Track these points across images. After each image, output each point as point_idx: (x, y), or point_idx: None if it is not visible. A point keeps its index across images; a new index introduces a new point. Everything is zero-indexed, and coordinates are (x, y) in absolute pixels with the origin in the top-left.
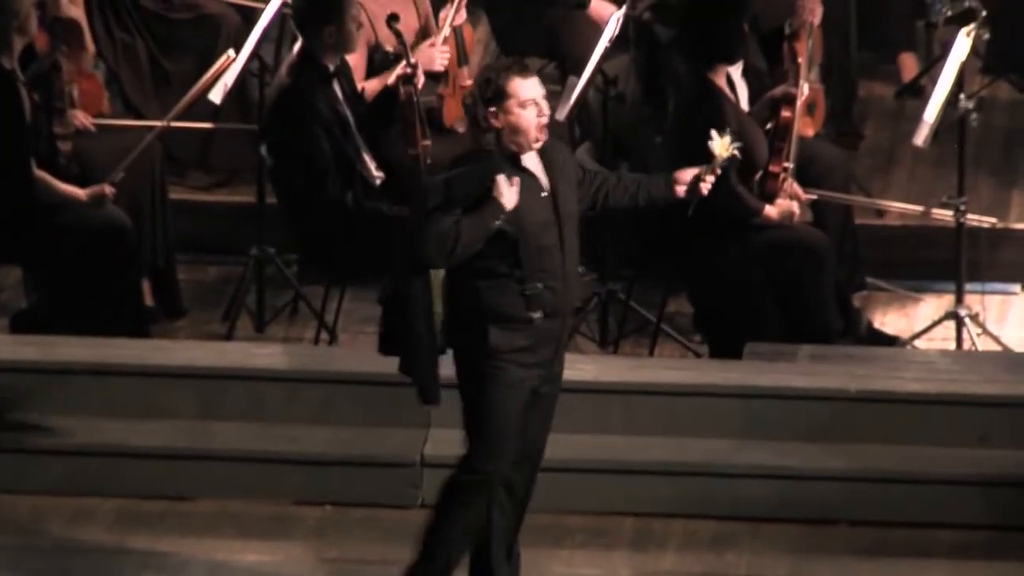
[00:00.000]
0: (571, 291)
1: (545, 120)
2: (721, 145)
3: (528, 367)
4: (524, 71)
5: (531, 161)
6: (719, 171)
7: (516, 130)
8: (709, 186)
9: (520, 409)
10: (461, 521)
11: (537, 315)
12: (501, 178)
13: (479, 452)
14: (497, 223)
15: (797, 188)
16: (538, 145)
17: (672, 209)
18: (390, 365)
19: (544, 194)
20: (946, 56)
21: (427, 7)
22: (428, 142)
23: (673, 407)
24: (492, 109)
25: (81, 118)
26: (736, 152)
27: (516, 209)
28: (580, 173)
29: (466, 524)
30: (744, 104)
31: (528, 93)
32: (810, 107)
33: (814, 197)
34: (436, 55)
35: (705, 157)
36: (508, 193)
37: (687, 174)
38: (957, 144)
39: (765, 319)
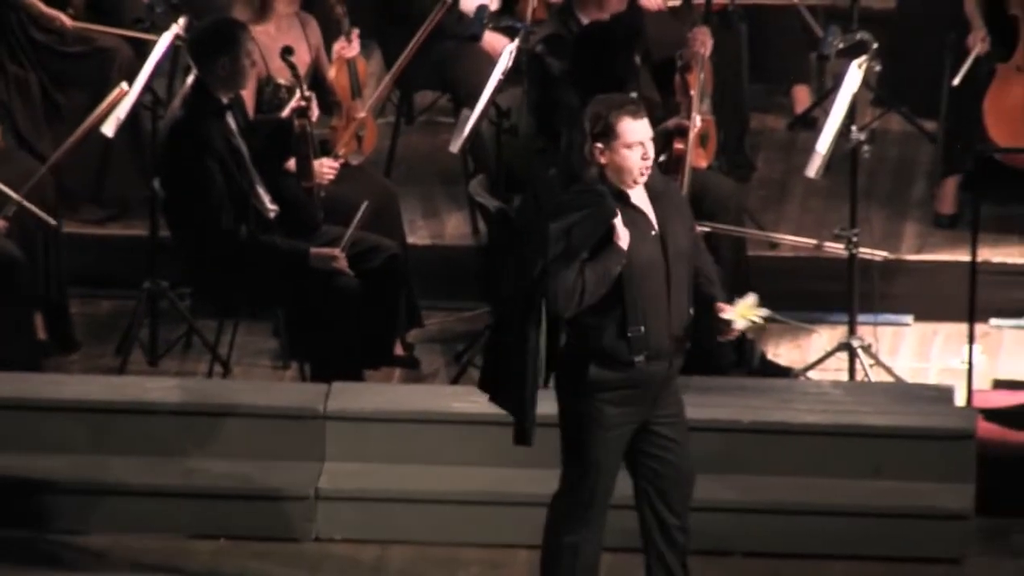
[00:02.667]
0: (678, 334)
1: (649, 163)
2: (738, 312)
3: (627, 408)
4: (636, 112)
5: (639, 198)
6: (736, 333)
7: (619, 169)
8: (729, 339)
9: (616, 451)
10: (560, 547)
11: (640, 358)
12: (618, 223)
13: (572, 492)
14: (619, 268)
15: None
16: (642, 180)
17: None
18: (284, 398)
19: (653, 232)
20: (838, 88)
21: (318, 40)
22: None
23: None
24: (599, 145)
25: None
26: (757, 318)
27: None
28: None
29: (567, 549)
30: None
31: (636, 136)
32: (703, 139)
33: (707, 229)
34: (325, 170)
35: None
36: (625, 236)
37: (724, 310)
38: (849, 176)
39: None
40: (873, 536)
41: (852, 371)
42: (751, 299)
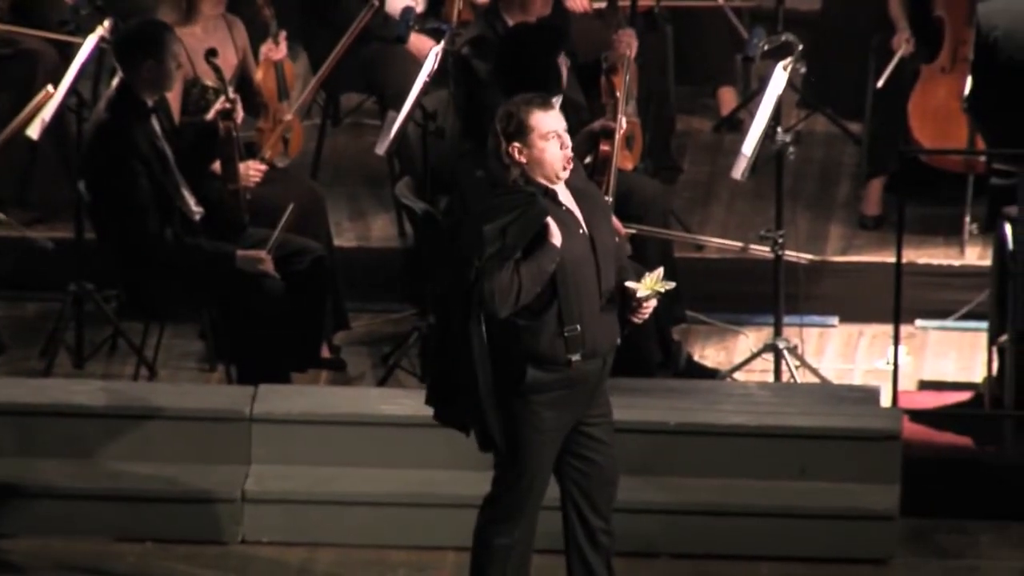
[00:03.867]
0: (611, 332)
1: (569, 153)
2: (643, 287)
3: (563, 410)
4: (544, 104)
5: (566, 197)
6: (647, 306)
7: (540, 163)
8: (641, 318)
9: (550, 455)
10: (492, 550)
11: (576, 357)
12: (551, 221)
13: (505, 495)
14: (553, 266)
15: (617, 223)
16: (565, 174)
17: None
18: (210, 400)
19: (582, 231)
20: (764, 90)
21: (245, 42)
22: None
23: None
24: (516, 144)
25: None
26: (664, 288)
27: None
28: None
29: (499, 551)
30: None
31: (550, 125)
32: (628, 141)
33: (633, 231)
34: (251, 173)
35: None
36: (558, 235)
37: (631, 290)
38: (775, 177)
39: None
40: (799, 537)
41: (778, 372)
42: (657, 272)
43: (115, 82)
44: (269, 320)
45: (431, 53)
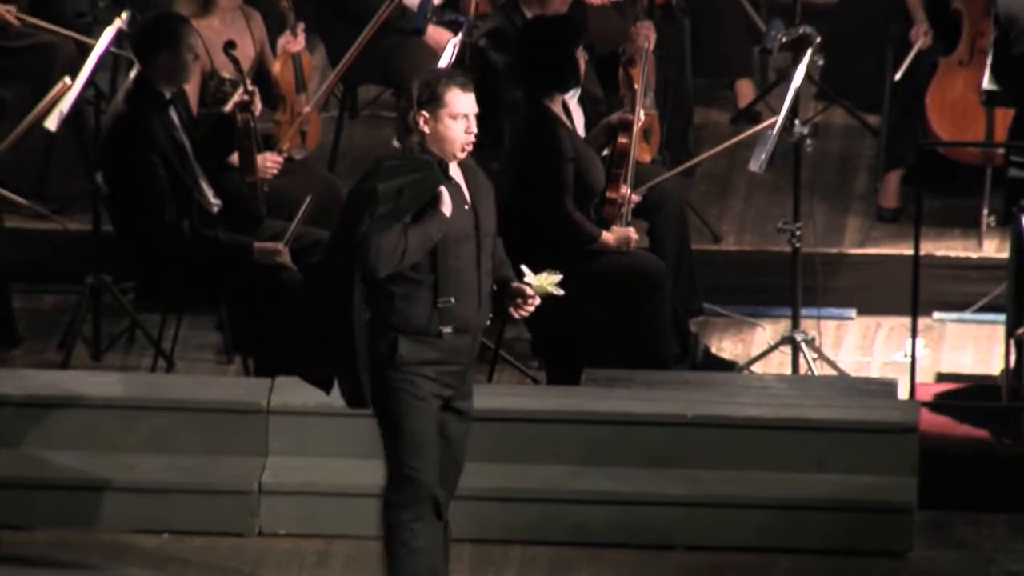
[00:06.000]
0: (484, 308)
1: (472, 138)
2: (538, 281)
3: (437, 380)
4: (465, 84)
5: (455, 173)
6: (531, 302)
7: (442, 139)
8: (524, 314)
9: (433, 421)
10: (404, 545)
11: (447, 329)
12: (444, 190)
13: (398, 469)
14: (439, 235)
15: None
16: (462, 155)
17: (509, 236)
18: (227, 392)
19: (467, 207)
20: (792, 78)
21: (263, 34)
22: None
23: (511, 433)
24: (424, 113)
25: None
26: (555, 291)
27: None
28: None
29: (411, 546)
30: (581, 130)
31: (462, 107)
32: (646, 133)
33: (638, 199)
34: (268, 165)
35: (543, 185)
36: (449, 204)
37: (523, 285)
38: (792, 170)
39: (603, 345)
40: (816, 530)
41: (795, 365)
42: (551, 274)
43: (133, 74)
44: (286, 312)
45: (448, 45)
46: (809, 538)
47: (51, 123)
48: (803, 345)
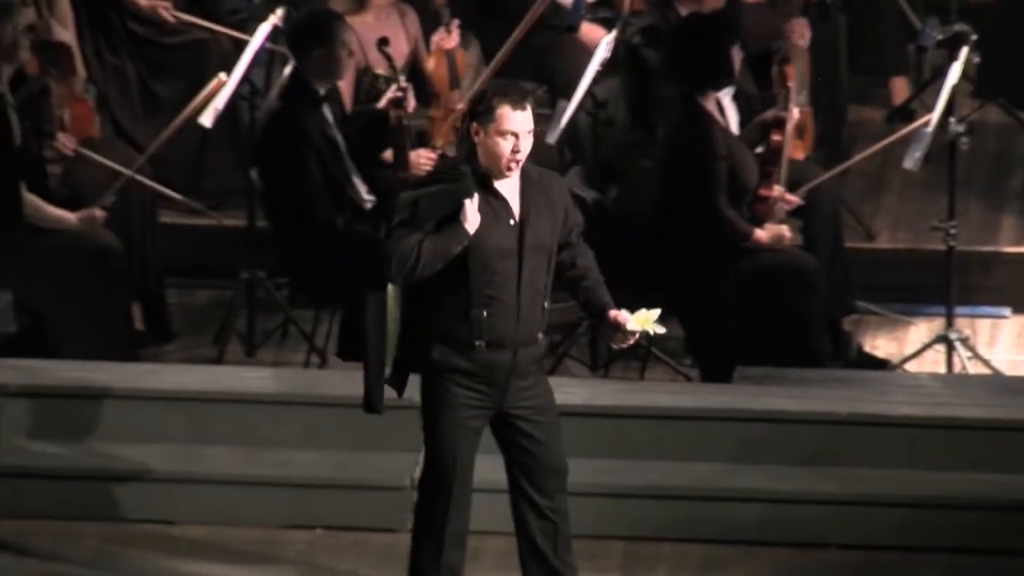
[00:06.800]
0: (526, 325)
1: (520, 156)
2: (638, 320)
3: (472, 390)
4: (519, 103)
5: (505, 186)
6: (632, 341)
7: (489, 153)
8: (622, 347)
9: (460, 429)
10: (427, 530)
11: (479, 343)
12: (469, 204)
13: (428, 465)
14: (459, 248)
15: (789, 196)
16: (510, 174)
17: (662, 233)
18: None
19: (512, 222)
20: (947, 75)
21: (417, 31)
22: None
23: (663, 431)
24: (475, 124)
25: (64, 141)
26: (655, 329)
27: (475, 232)
28: (564, 216)
29: (432, 530)
30: (734, 128)
31: (511, 125)
32: (800, 130)
33: (798, 202)
34: (422, 161)
35: (695, 183)
36: (474, 219)
37: (622, 318)
38: (947, 167)
39: (755, 343)
40: (969, 529)
41: (950, 363)
42: (652, 313)
43: (288, 71)
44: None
45: (602, 42)
46: (962, 537)
47: (206, 119)
48: (957, 344)
